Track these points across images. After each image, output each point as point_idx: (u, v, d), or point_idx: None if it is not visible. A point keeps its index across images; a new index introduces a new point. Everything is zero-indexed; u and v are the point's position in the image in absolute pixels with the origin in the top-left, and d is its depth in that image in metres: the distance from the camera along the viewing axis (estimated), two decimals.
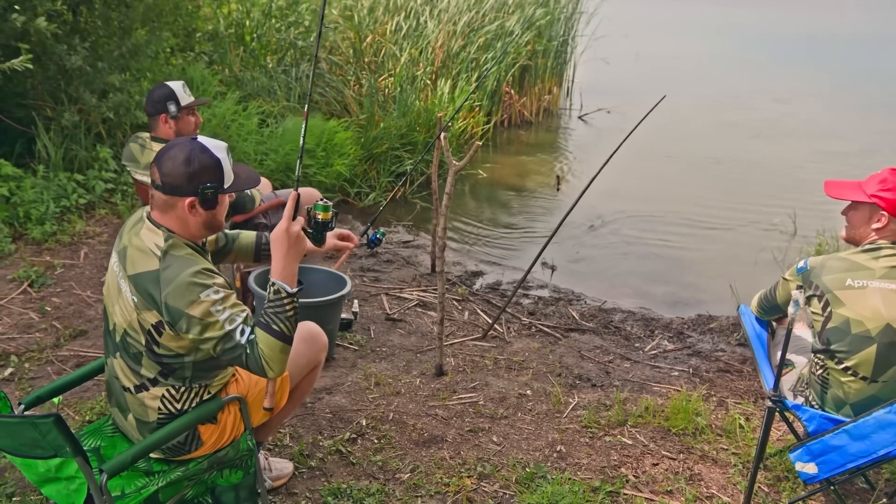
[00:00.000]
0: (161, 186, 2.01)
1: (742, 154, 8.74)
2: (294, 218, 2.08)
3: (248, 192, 3.59)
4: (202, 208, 2.05)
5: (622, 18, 12.11)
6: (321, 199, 2.38)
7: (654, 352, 4.16)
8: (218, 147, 2.06)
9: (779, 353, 2.55)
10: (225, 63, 7.34)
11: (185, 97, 3.42)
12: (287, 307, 2.01)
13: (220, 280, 2.01)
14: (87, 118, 5.51)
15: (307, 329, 2.64)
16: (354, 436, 3.11)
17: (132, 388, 2.15)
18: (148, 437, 2.14)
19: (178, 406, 2.17)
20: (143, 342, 2.05)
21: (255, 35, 7.89)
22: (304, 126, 2.43)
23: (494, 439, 3.17)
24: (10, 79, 4.98)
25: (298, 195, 2.11)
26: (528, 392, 3.58)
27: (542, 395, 3.56)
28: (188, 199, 2.02)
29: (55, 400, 2.36)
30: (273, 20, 8.02)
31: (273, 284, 2.03)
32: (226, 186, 2.08)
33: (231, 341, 1.98)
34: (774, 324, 3.09)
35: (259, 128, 6.23)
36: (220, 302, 1.97)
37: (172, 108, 3.38)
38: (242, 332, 1.98)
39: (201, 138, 2.06)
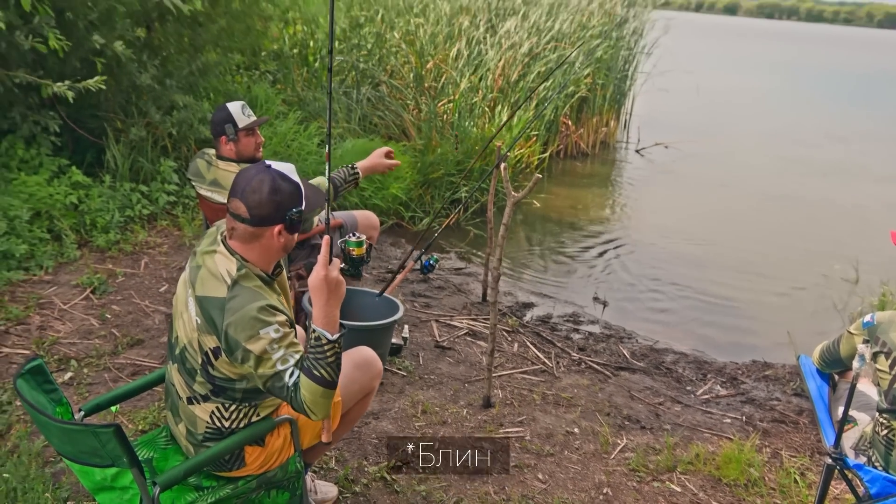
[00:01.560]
0: (249, 220, 2.04)
1: (803, 194, 8.57)
2: (330, 261, 2.05)
3: None
4: (287, 233, 2.10)
5: (680, 53, 12.02)
6: (353, 235, 2.38)
7: (706, 396, 4.07)
8: (292, 171, 2.11)
9: (841, 409, 2.47)
10: (288, 82, 7.50)
11: (243, 118, 3.49)
12: (328, 354, 1.99)
13: (282, 318, 2.01)
14: (154, 132, 5.68)
15: (362, 355, 2.64)
16: (399, 464, 3.10)
17: (185, 399, 2.20)
18: (199, 454, 2.18)
19: (227, 424, 2.20)
20: (200, 361, 2.09)
21: (318, 56, 8.05)
22: (327, 168, 2.33)
23: (540, 476, 3.13)
24: (86, 91, 5.16)
25: (331, 239, 2.10)
26: (576, 430, 3.53)
27: (590, 434, 3.51)
28: (276, 227, 2.06)
29: (113, 408, 2.41)
30: (336, 42, 8.18)
31: (314, 331, 2.01)
32: (304, 208, 2.12)
33: (280, 381, 1.99)
34: (836, 377, 3.00)
35: (318, 148, 6.33)
36: (277, 341, 1.97)
37: (230, 130, 3.47)
38: (291, 374, 1.98)
39: (273, 164, 2.09)
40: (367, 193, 6.01)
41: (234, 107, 3.49)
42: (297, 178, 2.10)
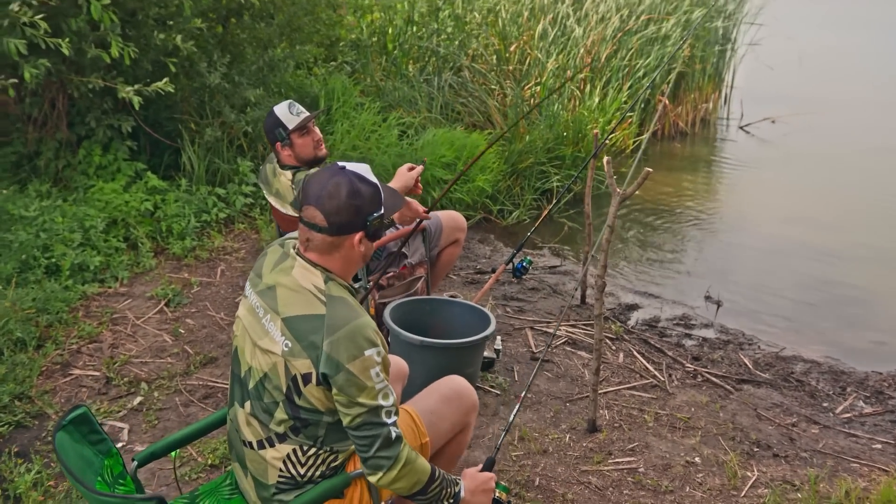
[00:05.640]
0: (328, 228, 1.80)
1: None
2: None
3: None
4: (369, 241, 1.88)
5: (785, 18, 11.06)
6: (503, 482, 2.47)
7: (847, 415, 3.51)
8: (368, 171, 1.86)
9: None
10: (367, 72, 7.19)
11: (291, 118, 3.16)
12: (435, 494, 1.91)
13: (383, 341, 1.81)
14: (229, 131, 5.46)
15: (451, 386, 2.31)
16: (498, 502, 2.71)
17: (254, 444, 1.91)
18: None
19: (302, 471, 1.90)
20: (284, 390, 1.81)
21: (397, 43, 7.71)
22: None
23: None
24: (162, 94, 5.00)
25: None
26: (697, 460, 3.07)
27: (714, 465, 3.04)
28: (357, 235, 1.84)
29: (172, 455, 2.12)
30: (414, 27, 7.82)
31: (457, 484, 1.97)
32: (383, 212, 1.88)
33: (377, 417, 1.78)
34: None
35: (399, 140, 5.99)
36: (382, 367, 1.78)
37: (281, 134, 3.16)
38: (389, 415, 1.80)
39: (348, 166, 1.85)
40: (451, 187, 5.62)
41: (281, 109, 3.17)
42: (374, 179, 1.85)
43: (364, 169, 1.87)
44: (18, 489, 2.55)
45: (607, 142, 6.94)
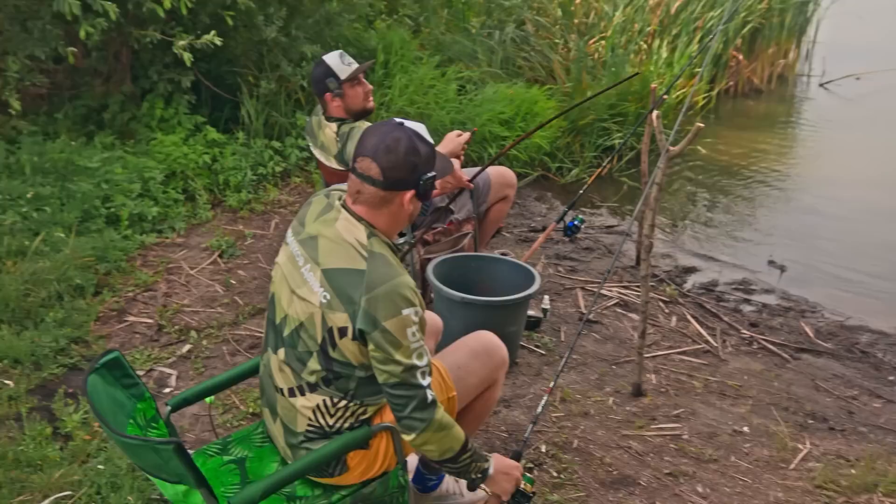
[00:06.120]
0: (382, 182, 1.78)
1: None
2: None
3: None
4: (418, 200, 1.86)
5: None
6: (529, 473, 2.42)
7: None
8: (425, 130, 1.85)
9: None
10: (430, 25, 7.07)
11: (344, 68, 3.11)
12: (466, 463, 1.92)
13: (421, 302, 1.80)
14: (286, 85, 5.47)
15: (481, 341, 2.28)
16: (531, 465, 2.68)
17: (285, 391, 1.93)
18: (287, 467, 1.91)
19: (331, 422, 1.91)
20: (319, 341, 1.81)
21: None
22: None
23: (699, 489, 2.61)
24: (222, 47, 5.02)
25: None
26: (746, 429, 2.96)
27: (764, 435, 2.92)
28: (409, 193, 1.82)
29: (207, 400, 2.15)
30: None
31: (487, 460, 1.98)
32: (435, 174, 1.87)
33: (413, 377, 1.77)
34: None
35: (458, 95, 5.88)
36: (418, 327, 1.77)
37: (333, 84, 3.11)
38: (424, 375, 1.79)
39: (407, 123, 1.83)
40: (506, 143, 5.52)
41: (332, 58, 3.13)
42: (431, 140, 1.84)
43: (421, 128, 1.85)
44: (67, 427, 2.66)
45: (675, 99, 6.69)
